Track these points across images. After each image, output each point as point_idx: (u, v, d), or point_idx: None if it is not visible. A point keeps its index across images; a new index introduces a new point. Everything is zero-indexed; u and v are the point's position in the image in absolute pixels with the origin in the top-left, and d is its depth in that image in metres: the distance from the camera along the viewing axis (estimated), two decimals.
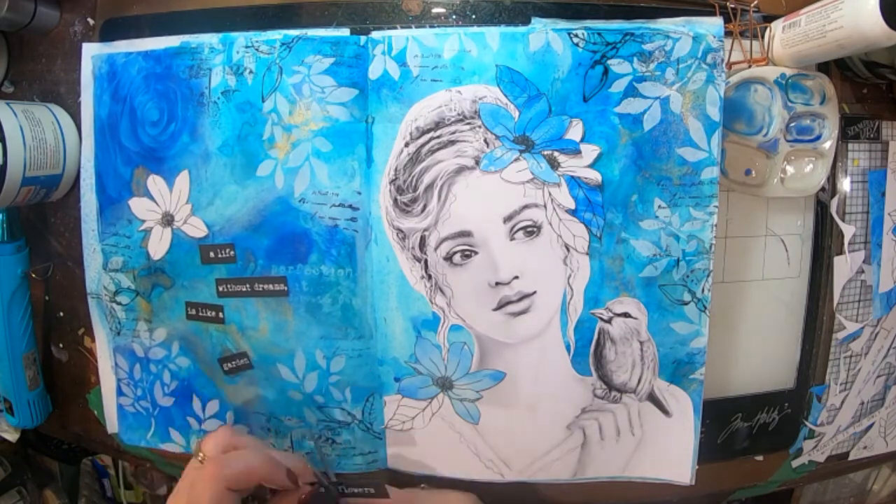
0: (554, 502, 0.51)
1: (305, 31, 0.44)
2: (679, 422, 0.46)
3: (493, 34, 0.43)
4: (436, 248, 0.45)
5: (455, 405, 0.48)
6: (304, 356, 0.47)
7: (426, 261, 0.45)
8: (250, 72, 0.45)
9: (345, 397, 0.48)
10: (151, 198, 0.48)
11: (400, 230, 0.45)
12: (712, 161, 0.42)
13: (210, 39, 0.46)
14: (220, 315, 0.48)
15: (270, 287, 0.47)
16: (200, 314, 0.49)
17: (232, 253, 0.47)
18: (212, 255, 0.47)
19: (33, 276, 0.54)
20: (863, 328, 0.51)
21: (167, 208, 0.48)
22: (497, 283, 0.45)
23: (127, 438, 0.53)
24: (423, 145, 0.44)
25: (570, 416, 0.47)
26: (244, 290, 0.47)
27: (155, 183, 0.48)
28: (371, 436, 0.49)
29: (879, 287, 0.50)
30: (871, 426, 0.54)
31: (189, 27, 0.47)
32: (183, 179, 0.47)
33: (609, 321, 0.45)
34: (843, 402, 0.53)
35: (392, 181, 0.44)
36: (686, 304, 0.44)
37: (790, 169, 0.47)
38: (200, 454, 0.39)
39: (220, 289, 0.47)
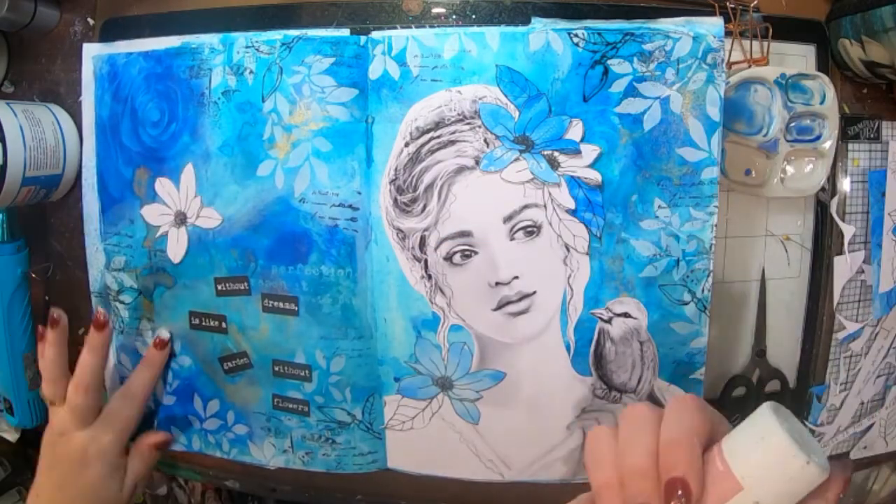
0: (554, 502, 0.51)
1: (305, 32, 0.44)
2: None
3: (493, 34, 0.43)
4: (436, 248, 0.45)
5: (455, 405, 0.48)
6: (305, 356, 0.47)
7: (426, 261, 0.45)
8: (250, 72, 0.45)
9: (345, 397, 0.48)
10: (162, 201, 0.48)
11: (400, 230, 0.45)
12: (712, 161, 0.42)
13: (210, 40, 0.46)
14: (223, 325, 0.48)
15: (281, 305, 0.47)
16: (204, 323, 0.49)
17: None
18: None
19: (33, 276, 0.54)
20: (863, 328, 0.51)
21: (178, 207, 0.48)
22: (497, 283, 0.45)
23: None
24: (423, 145, 0.44)
25: (570, 416, 0.47)
26: (241, 288, 0.47)
27: (162, 185, 0.48)
28: (371, 436, 0.49)
29: (879, 287, 0.50)
30: (871, 426, 0.54)
31: (189, 27, 0.47)
32: (188, 174, 0.47)
33: (609, 321, 0.45)
34: (843, 402, 0.53)
35: (392, 181, 0.44)
36: (686, 304, 0.44)
37: (790, 169, 0.47)
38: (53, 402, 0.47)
39: (219, 287, 0.48)
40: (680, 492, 0.25)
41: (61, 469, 0.46)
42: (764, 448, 0.25)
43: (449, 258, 0.45)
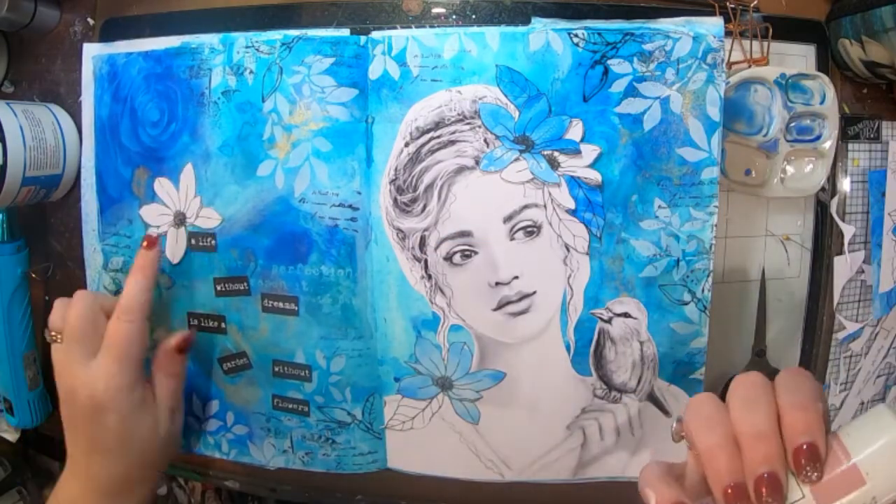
0: (554, 502, 0.51)
1: (305, 32, 0.44)
2: None
3: (493, 34, 0.43)
4: (436, 248, 0.45)
5: (455, 405, 0.48)
6: (305, 356, 0.47)
7: (426, 261, 0.45)
8: (250, 72, 0.45)
9: (345, 397, 0.48)
10: (161, 201, 0.48)
11: (400, 230, 0.45)
12: (712, 161, 0.42)
13: (210, 40, 0.46)
14: (223, 326, 0.48)
15: (281, 305, 0.47)
16: (203, 324, 0.49)
17: (213, 242, 0.47)
18: (193, 241, 0.47)
19: (33, 276, 0.54)
20: (863, 328, 0.51)
21: (178, 207, 0.48)
22: (497, 283, 0.44)
23: None
24: (423, 145, 0.44)
25: (570, 416, 0.47)
26: (241, 288, 0.47)
27: (162, 185, 0.48)
28: (371, 436, 0.49)
29: (879, 287, 0.50)
30: None
31: (189, 27, 0.47)
32: (188, 174, 0.47)
33: (609, 321, 0.45)
34: (843, 403, 0.53)
35: (392, 181, 0.44)
36: (686, 304, 0.44)
37: (790, 169, 0.47)
38: (56, 335, 0.42)
39: (219, 287, 0.47)
40: (809, 457, 0.25)
41: (83, 425, 0.42)
42: (891, 447, 0.25)
43: (449, 258, 0.45)
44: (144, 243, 0.44)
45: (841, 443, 0.26)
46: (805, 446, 0.25)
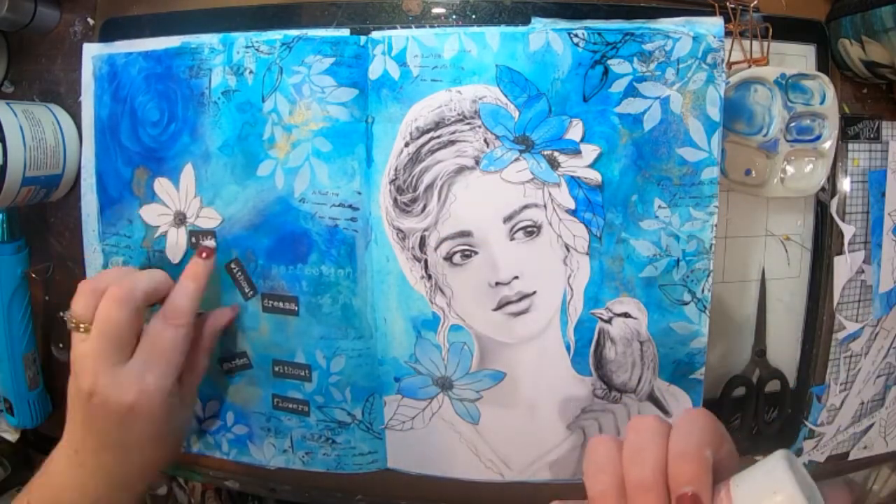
0: None
1: (305, 32, 0.44)
2: None
3: (493, 34, 0.43)
4: (436, 248, 0.45)
5: (455, 405, 0.48)
6: (305, 356, 0.47)
7: (426, 261, 0.45)
8: (250, 72, 0.45)
9: (345, 397, 0.48)
10: (161, 201, 0.48)
11: (400, 230, 0.45)
12: (712, 161, 0.42)
13: (210, 40, 0.46)
14: None
15: (281, 305, 0.47)
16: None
17: (213, 244, 0.47)
18: (193, 241, 0.47)
19: (33, 276, 0.54)
20: (863, 328, 0.51)
21: (178, 207, 0.48)
22: (497, 283, 0.45)
23: None
24: (423, 145, 0.44)
25: (570, 416, 0.47)
26: (236, 269, 0.47)
27: (161, 185, 0.48)
28: (371, 436, 0.49)
29: (879, 287, 0.50)
30: (871, 426, 0.54)
31: (189, 27, 0.47)
32: (188, 174, 0.47)
33: (609, 321, 0.45)
34: (843, 402, 0.53)
35: (392, 181, 0.44)
36: (686, 304, 0.44)
37: (790, 169, 0.47)
38: (80, 325, 0.39)
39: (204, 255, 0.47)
40: None
41: (102, 427, 0.39)
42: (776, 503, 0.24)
43: (449, 258, 0.45)
44: (203, 254, 0.44)
45: (729, 493, 0.26)
46: (684, 498, 0.25)
